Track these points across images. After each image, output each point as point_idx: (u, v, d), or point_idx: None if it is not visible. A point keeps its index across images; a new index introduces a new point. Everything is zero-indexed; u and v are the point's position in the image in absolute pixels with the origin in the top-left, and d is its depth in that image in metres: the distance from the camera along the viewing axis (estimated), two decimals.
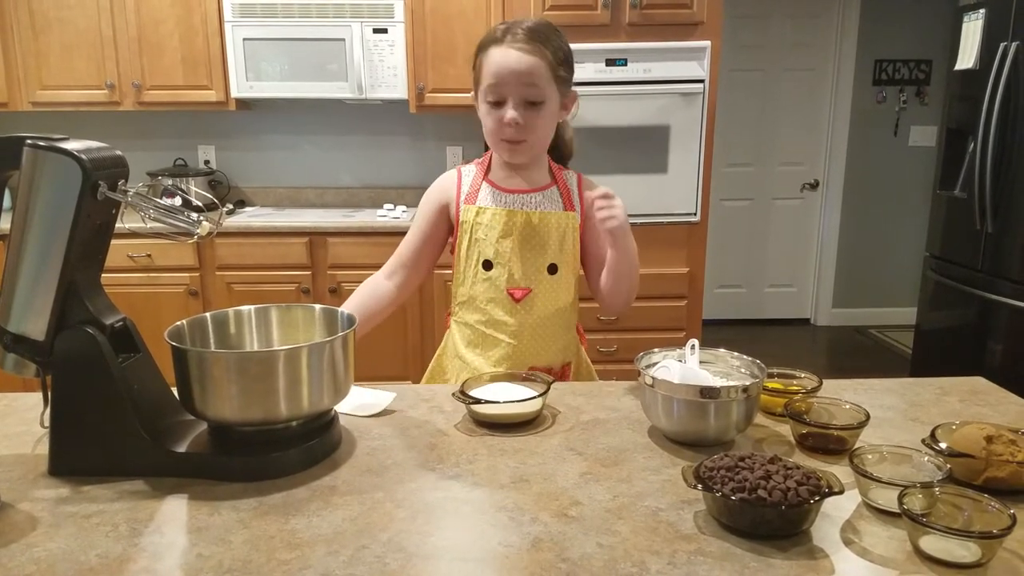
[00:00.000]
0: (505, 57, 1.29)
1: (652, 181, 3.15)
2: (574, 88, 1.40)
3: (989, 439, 0.91)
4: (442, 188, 1.47)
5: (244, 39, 3.25)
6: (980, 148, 2.85)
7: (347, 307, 1.38)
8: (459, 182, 1.45)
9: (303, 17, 3.24)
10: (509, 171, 1.42)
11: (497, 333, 1.40)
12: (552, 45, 1.31)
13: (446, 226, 1.47)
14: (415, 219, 1.48)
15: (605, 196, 1.29)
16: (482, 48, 1.34)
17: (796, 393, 1.15)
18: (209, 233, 1.01)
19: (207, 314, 1.09)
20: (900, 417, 1.16)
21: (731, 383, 1.07)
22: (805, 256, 5.02)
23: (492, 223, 1.38)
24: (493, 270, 1.39)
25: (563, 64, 1.34)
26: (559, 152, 1.49)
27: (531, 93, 1.31)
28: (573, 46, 1.38)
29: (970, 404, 1.22)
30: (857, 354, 4.54)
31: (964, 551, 0.75)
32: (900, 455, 0.91)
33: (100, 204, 0.95)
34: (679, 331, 3.25)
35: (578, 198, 1.45)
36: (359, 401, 1.19)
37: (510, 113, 1.31)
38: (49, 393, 0.96)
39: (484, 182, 1.43)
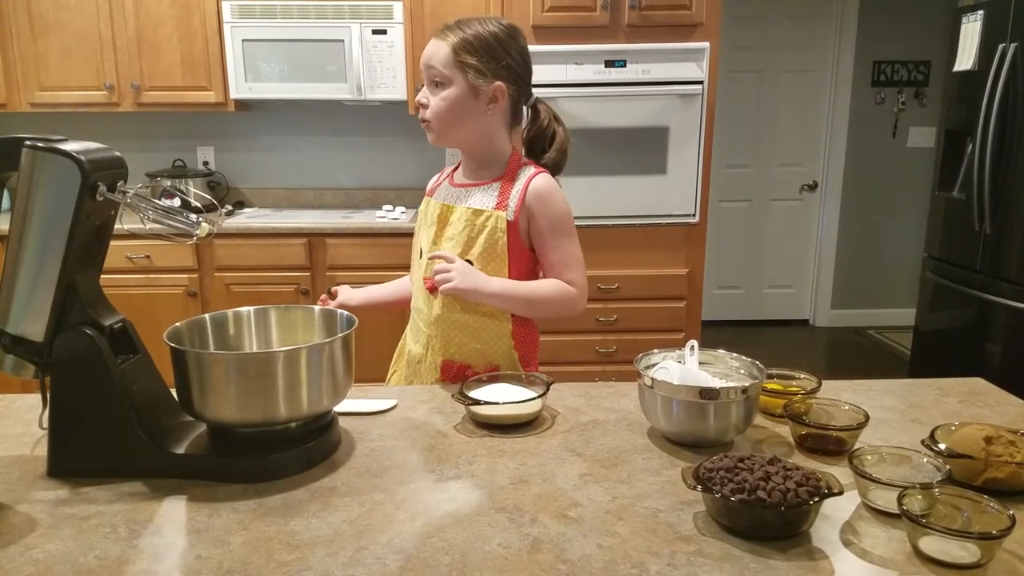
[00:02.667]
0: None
1: (651, 182, 3.15)
2: (499, 83, 1.32)
3: (988, 440, 0.91)
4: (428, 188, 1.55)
5: (243, 40, 3.24)
6: (979, 149, 2.85)
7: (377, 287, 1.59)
8: (437, 179, 1.53)
9: (302, 18, 3.24)
10: (464, 167, 1.46)
11: (419, 320, 1.45)
12: (466, 32, 1.31)
13: None
14: None
15: (441, 258, 1.30)
16: None
17: (795, 394, 1.15)
18: (208, 234, 1.01)
19: (206, 315, 1.09)
20: (899, 418, 1.16)
21: (730, 384, 1.07)
22: (804, 257, 5.02)
23: (424, 213, 1.45)
24: (423, 259, 1.44)
25: (471, 51, 1.30)
26: (540, 145, 1.42)
27: (430, 74, 1.34)
28: (572, 47, 1.36)
29: (969, 405, 1.22)
30: (856, 355, 4.54)
31: (963, 552, 0.75)
32: (899, 456, 0.91)
33: (99, 205, 0.95)
34: (678, 332, 3.25)
35: (518, 197, 1.34)
36: (359, 406, 1.19)
37: (418, 95, 1.37)
38: (48, 394, 0.96)
39: (447, 177, 1.48)
